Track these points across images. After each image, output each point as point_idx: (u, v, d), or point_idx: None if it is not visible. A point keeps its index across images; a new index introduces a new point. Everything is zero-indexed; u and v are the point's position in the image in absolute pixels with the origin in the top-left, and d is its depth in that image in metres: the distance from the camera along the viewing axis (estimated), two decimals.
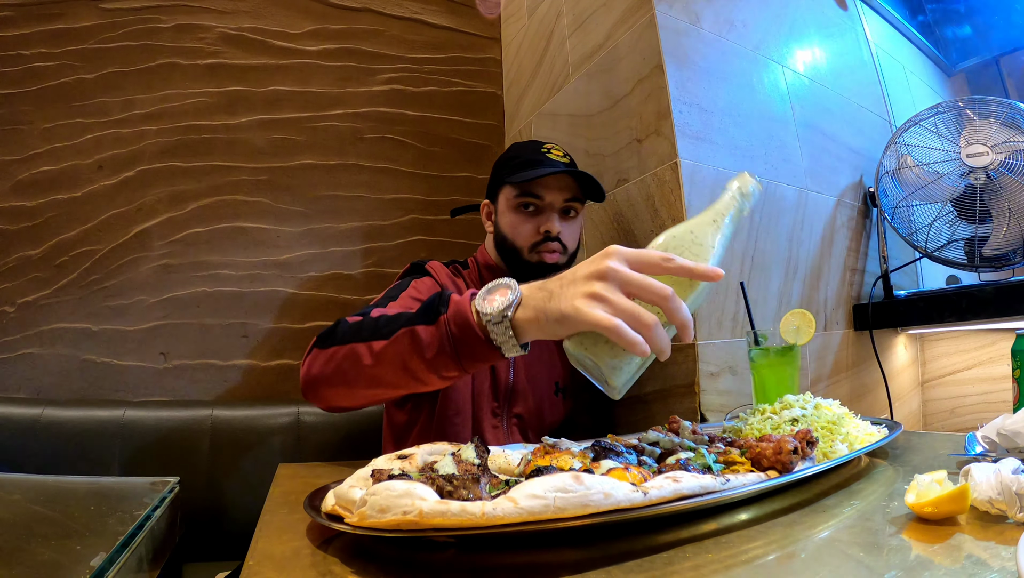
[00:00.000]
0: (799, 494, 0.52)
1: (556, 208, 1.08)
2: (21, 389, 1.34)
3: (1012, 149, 1.26)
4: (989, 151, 1.28)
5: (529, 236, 1.08)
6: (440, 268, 1.10)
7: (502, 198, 1.12)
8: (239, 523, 1.25)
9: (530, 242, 1.08)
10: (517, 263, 1.09)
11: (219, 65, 1.58)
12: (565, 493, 0.39)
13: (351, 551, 0.43)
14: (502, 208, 1.12)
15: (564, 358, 1.10)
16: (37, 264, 1.38)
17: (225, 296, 1.52)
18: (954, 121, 1.35)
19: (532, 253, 1.08)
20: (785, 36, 1.46)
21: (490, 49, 1.92)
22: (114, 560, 0.53)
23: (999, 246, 1.29)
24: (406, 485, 0.40)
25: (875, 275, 1.56)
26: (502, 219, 1.11)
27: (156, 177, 1.50)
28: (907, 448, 0.70)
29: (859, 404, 1.45)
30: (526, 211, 1.08)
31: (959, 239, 1.35)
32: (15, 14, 1.41)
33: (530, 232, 1.08)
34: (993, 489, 0.41)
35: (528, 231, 1.08)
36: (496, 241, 1.13)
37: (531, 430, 1.08)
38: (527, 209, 1.08)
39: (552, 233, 1.07)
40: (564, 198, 1.09)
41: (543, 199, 1.08)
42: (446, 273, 1.10)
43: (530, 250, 1.08)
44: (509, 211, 1.10)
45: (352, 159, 1.68)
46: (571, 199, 1.09)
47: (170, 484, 0.86)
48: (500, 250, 1.12)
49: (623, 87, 1.27)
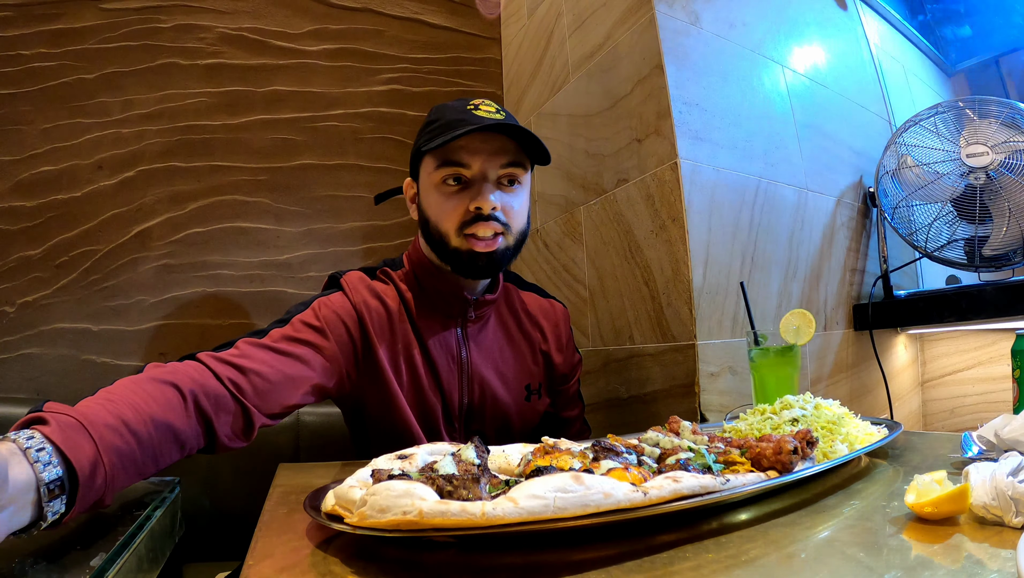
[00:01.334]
0: (799, 494, 0.52)
1: (489, 177, 0.86)
2: (21, 389, 1.34)
3: (1012, 149, 1.26)
4: (989, 151, 1.28)
5: (456, 216, 0.86)
6: (357, 282, 0.91)
7: (423, 173, 0.90)
8: (239, 523, 1.24)
9: (458, 223, 0.86)
10: (445, 252, 0.88)
11: (219, 65, 1.58)
12: (565, 493, 0.39)
13: (351, 551, 0.43)
14: (424, 185, 0.90)
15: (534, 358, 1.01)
16: (37, 264, 1.38)
17: (225, 296, 1.52)
18: (954, 121, 1.35)
19: (461, 238, 0.86)
20: (785, 36, 1.46)
21: (490, 49, 1.92)
22: (114, 560, 0.53)
23: (999, 246, 1.29)
24: (406, 485, 0.40)
25: (875, 275, 1.56)
26: (425, 199, 0.90)
27: (156, 177, 1.50)
28: (907, 448, 0.70)
29: (859, 404, 1.45)
30: (451, 185, 0.86)
31: (959, 239, 1.36)
32: (15, 14, 1.41)
33: (457, 211, 0.85)
34: (988, 494, 0.41)
35: (454, 210, 0.86)
36: (421, 228, 0.92)
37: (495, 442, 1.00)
38: (453, 182, 0.86)
39: (484, 210, 0.84)
40: (500, 163, 0.86)
41: (470, 167, 0.85)
42: (367, 286, 0.91)
43: (458, 233, 0.86)
44: (432, 188, 0.88)
45: (352, 159, 1.68)
46: (509, 163, 0.86)
47: (170, 484, 0.86)
48: (427, 238, 0.91)
49: (623, 87, 1.27)
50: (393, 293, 0.92)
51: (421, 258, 0.94)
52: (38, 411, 0.53)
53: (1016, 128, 1.27)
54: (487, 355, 0.97)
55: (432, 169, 0.87)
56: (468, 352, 0.94)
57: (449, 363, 0.93)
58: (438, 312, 0.93)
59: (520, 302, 1.04)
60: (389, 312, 0.90)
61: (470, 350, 0.94)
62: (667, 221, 1.15)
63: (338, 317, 0.85)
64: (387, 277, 0.94)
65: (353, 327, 0.86)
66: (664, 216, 1.16)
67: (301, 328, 0.82)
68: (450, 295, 0.92)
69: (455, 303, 0.93)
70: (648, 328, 1.20)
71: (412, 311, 0.92)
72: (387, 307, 0.90)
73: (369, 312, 0.88)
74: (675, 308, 1.13)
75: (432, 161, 0.87)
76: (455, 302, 0.93)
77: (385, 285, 0.93)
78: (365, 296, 0.89)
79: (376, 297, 0.90)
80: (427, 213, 0.90)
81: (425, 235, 0.91)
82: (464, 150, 0.85)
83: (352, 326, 0.86)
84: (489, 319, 0.98)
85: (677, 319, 1.13)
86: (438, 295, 0.93)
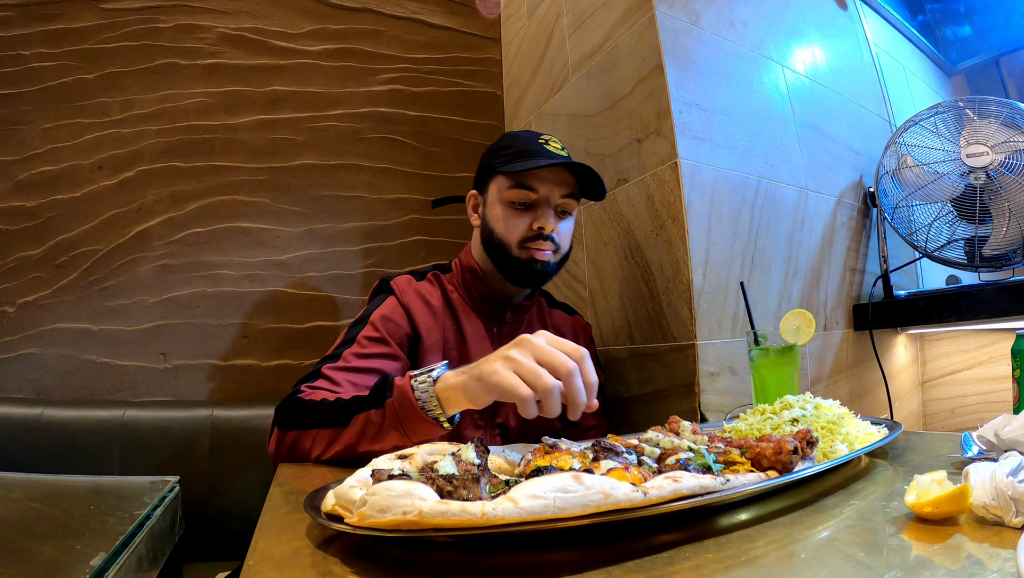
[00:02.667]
0: (799, 494, 0.52)
1: (551, 204, 1.00)
2: (21, 389, 1.34)
3: (1012, 149, 1.26)
4: (989, 151, 1.28)
5: (520, 231, 1.00)
6: (406, 285, 1.04)
7: (492, 188, 1.03)
8: (239, 523, 1.25)
9: (519, 237, 1.00)
10: (505, 260, 1.01)
11: (219, 65, 1.58)
12: (565, 493, 0.39)
13: (351, 551, 0.43)
14: (491, 199, 1.03)
15: None
16: (37, 264, 1.38)
17: (225, 296, 1.52)
18: (954, 121, 1.35)
19: (521, 249, 1.00)
20: (785, 36, 1.46)
21: (490, 49, 1.92)
22: (114, 559, 0.53)
23: (999, 246, 1.29)
24: (406, 485, 0.40)
25: (875, 275, 1.56)
26: (490, 211, 1.03)
27: (156, 177, 1.50)
28: (907, 448, 0.70)
29: (859, 404, 1.45)
30: (518, 205, 1.00)
31: (959, 239, 1.35)
32: (15, 14, 1.42)
33: (521, 228, 1.00)
34: (988, 494, 0.41)
35: (519, 227, 1.00)
36: (483, 236, 1.05)
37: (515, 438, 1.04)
38: (520, 203, 1.00)
39: (546, 231, 0.99)
40: (561, 193, 1.00)
41: (538, 192, 0.99)
42: (414, 289, 1.04)
43: (519, 246, 1.00)
44: (499, 203, 1.01)
45: (352, 159, 1.68)
46: (568, 195, 1.01)
47: (170, 484, 0.86)
48: (487, 246, 1.04)
49: (623, 87, 1.27)
50: (439, 294, 1.05)
51: (471, 263, 1.07)
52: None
53: (1016, 128, 1.27)
54: None
55: (504, 188, 1.00)
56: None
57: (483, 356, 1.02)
58: (479, 313, 1.07)
59: (549, 315, 1.17)
60: (433, 311, 1.03)
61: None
62: (667, 221, 1.15)
63: (393, 321, 0.99)
64: (436, 280, 1.08)
65: (405, 324, 1.00)
66: (664, 216, 1.16)
67: (367, 344, 0.95)
68: (491, 298, 1.06)
69: (494, 305, 1.07)
70: (648, 328, 1.20)
71: (456, 310, 1.05)
72: (431, 306, 1.03)
73: (417, 310, 1.02)
74: (675, 308, 1.13)
75: (505, 181, 1.00)
76: (495, 304, 1.07)
77: (432, 287, 1.06)
78: (412, 297, 1.02)
79: (421, 298, 1.03)
80: (492, 224, 1.03)
81: (486, 243, 1.04)
82: (535, 177, 0.99)
83: (404, 324, 1.00)
84: (522, 324, 1.11)
85: (677, 319, 1.13)
86: (480, 297, 1.06)
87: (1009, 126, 1.28)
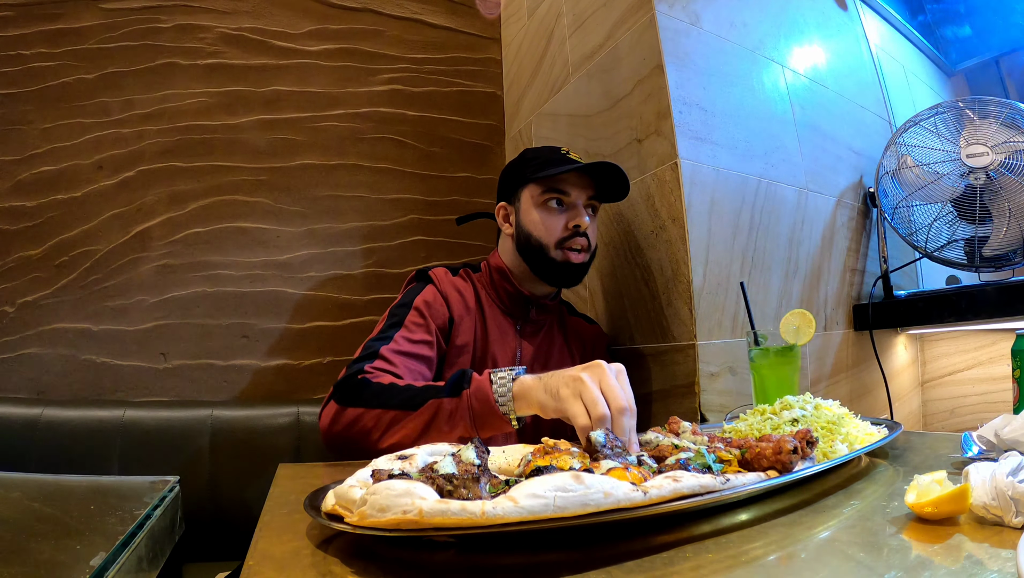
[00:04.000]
0: (799, 494, 0.52)
1: (582, 204, 1.11)
2: (21, 389, 1.34)
3: (1012, 149, 1.26)
4: (989, 151, 1.28)
5: (558, 231, 1.09)
6: (444, 276, 1.12)
7: (525, 196, 1.13)
8: (239, 523, 1.24)
9: (557, 237, 1.09)
10: (542, 262, 1.10)
11: (219, 65, 1.58)
12: (565, 493, 0.39)
13: (351, 551, 0.43)
14: (525, 207, 1.12)
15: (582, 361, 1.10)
16: (37, 264, 1.38)
17: (225, 296, 1.52)
18: (954, 121, 1.35)
19: (558, 250, 1.09)
20: (785, 36, 1.46)
21: (490, 49, 1.92)
22: (114, 559, 0.53)
23: (999, 246, 1.29)
24: (406, 485, 0.40)
25: (875, 275, 1.56)
26: (525, 217, 1.12)
27: (156, 177, 1.50)
28: (907, 448, 0.70)
29: (859, 404, 1.45)
30: (553, 207, 1.10)
31: (959, 239, 1.35)
32: (15, 14, 1.41)
33: (558, 227, 1.09)
34: (988, 494, 0.41)
35: (556, 226, 1.09)
36: (519, 242, 1.13)
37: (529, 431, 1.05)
38: (555, 205, 1.10)
39: (582, 227, 1.09)
40: (588, 196, 1.11)
41: (569, 195, 1.10)
42: (450, 281, 1.12)
43: (556, 246, 1.09)
44: (535, 208, 1.11)
45: (352, 159, 1.68)
46: (593, 197, 1.13)
47: (170, 483, 0.86)
48: (524, 250, 1.12)
49: (623, 87, 1.27)
50: (470, 289, 1.13)
51: (501, 265, 1.15)
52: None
53: (1016, 128, 1.27)
54: (537, 354, 1.15)
55: (538, 193, 1.10)
56: (521, 348, 1.14)
57: (505, 351, 1.12)
58: (504, 311, 1.14)
59: (569, 323, 1.23)
60: (466, 302, 1.11)
61: (523, 347, 1.15)
62: (667, 221, 1.15)
63: (434, 307, 1.06)
64: (467, 276, 1.15)
65: (443, 311, 1.07)
66: (664, 216, 1.16)
67: (415, 329, 1.02)
68: (517, 296, 1.14)
69: (521, 303, 1.14)
70: (648, 328, 1.20)
71: (484, 306, 1.13)
72: (464, 298, 1.11)
73: (453, 299, 1.09)
74: (675, 308, 1.13)
75: (538, 188, 1.10)
76: (521, 302, 1.14)
77: (464, 282, 1.14)
78: (448, 288, 1.10)
79: (456, 290, 1.11)
80: (528, 228, 1.11)
81: (523, 247, 1.12)
82: (566, 182, 1.09)
83: (442, 311, 1.07)
84: (543, 327, 1.18)
85: (677, 319, 1.13)
86: (507, 295, 1.14)
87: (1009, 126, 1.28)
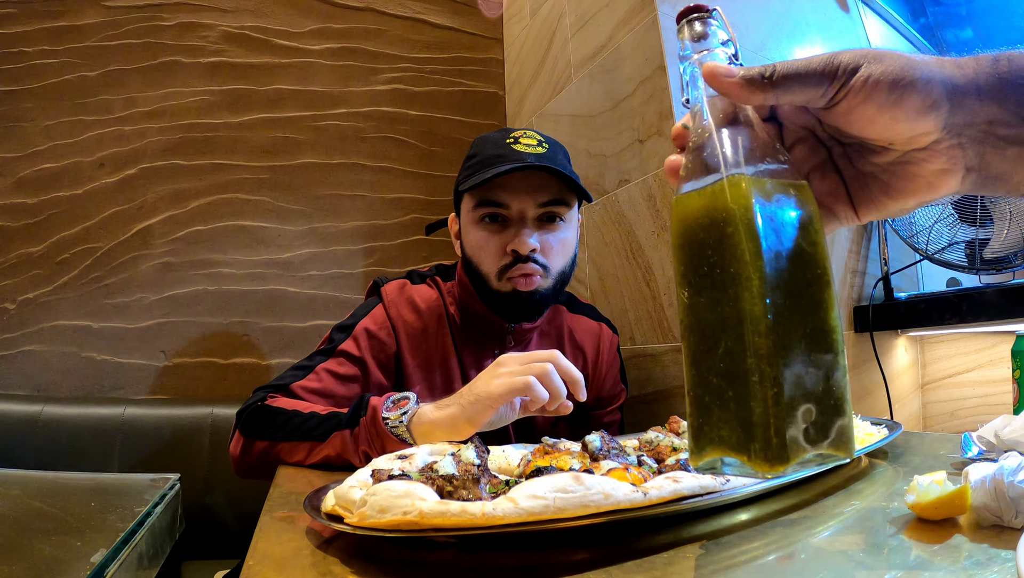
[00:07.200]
0: (799, 494, 0.52)
1: (527, 217, 0.83)
2: (22, 386, 1.34)
3: None
4: None
5: (495, 258, 0.84)
6: (397, 294, 0.93)
7: (463, 210, 0.89)
8: (239, 522, 1.25)
9: (498, 265, 0.84)
10: (486, 294, 0.86)
11: (221, 63, 1.58)
12: (565, 493, 0.39)
13: (351, 551, 0.43)
14: (465, 222, 0.88)
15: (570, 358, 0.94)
16: (38, 261, 1.38)
17: (226, 294, 1.52)
18: None
19: (501, 281, 0.84)
20: (787, 38, 1.46)
21: (492, 49, 1.92)
22: (114, 556, 0.53)
23: (1000, 249, 1.29)
24: (406, 485, 0.40)
25: (876, 277, 1.56)
26: (466, 237, 0.88)
27: (158, 175, 1.50)
28: (907, 449, 0.70)
29: (859, 406, 1.45)
30: (490, 224, 0.84)
31: (960, 241, 1.35)
32: (17, 11, 1.42)
33: (496, 252, 0.84)
34: (988, 495, 0.41)
35: (494, 251, 0.84)
36: (465, 267, 0.90)
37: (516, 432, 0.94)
38: (490, 221, 0.84)
39: (522, 251, 0.81)
40: (539, 202, 0.83)
41: (509, 207, 0.83)
42: (406, 297, 0.93)
43: (498, 277, 0.84)
44: (471, 226, 0.86)
45: (354, 158, 1.68)
46: (549, 202, 0.84)
47: (170, 481, 0.86)
48: (470, 277, 0.89)
49: (625, 88, 1.27)
50: (437, 303, 0.93)
51: (464, 282, 0.91)
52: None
53: None
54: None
55: (471, 208, 0.85)
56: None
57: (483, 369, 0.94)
58: (478, 331, 0.93)
59: (567, 325, 1.01)
60: (425, 324, 0.92)
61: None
62: (669, 221, 1.15)
63: (378, 339, 0.89)
64: (436, 285, 0.95)
65: (389, 341, 0.90)
66: (666, 217, 1.16)
67: (345, 362, 0.86)
68: (490, 318, 0.90)
69: (495, 327, 0.91)
70: (649, 328, 1.20)
71: (456, 322, 0.93)
72: (424, 319, 0.92)
73: (404, 325, 0.91)
74: (676, 308, 1.13)
75: (471, 199, 0.85)
76: (495, 326, 0.91)
77: (430, 291, 0.94)
78: (401, 309, 0.91)
79: (414, 310, 0.92)
80: (468, 252, 0.88)
81: (468, 272, 0.89)
82: (502, 189, 0.82)
83: (389, 341, 0.90)
84: (530, 343, 0.96)
85: (678, 319, 1.13)
86: (478, 317, 0.91)
87: None
